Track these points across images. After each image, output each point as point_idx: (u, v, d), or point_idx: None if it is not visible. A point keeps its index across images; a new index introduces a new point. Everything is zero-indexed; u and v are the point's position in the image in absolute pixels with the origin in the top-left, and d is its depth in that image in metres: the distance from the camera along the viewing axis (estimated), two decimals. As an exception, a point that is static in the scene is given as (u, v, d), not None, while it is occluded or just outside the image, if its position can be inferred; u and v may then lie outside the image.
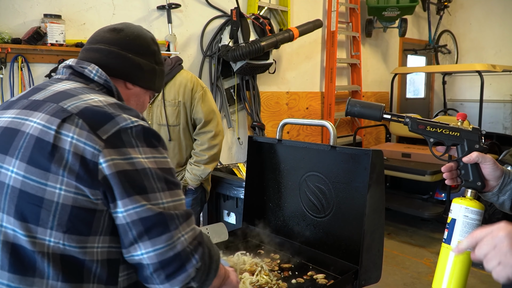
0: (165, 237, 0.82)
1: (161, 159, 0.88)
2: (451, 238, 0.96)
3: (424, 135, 1.04)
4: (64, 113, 0.84)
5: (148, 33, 1.12)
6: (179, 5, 3.52)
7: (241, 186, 2.53)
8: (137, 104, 1.12)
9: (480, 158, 0.98)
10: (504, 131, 6.23)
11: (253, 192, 1.79)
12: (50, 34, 2.75)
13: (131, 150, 0.83)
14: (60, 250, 0.80)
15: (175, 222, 0.84)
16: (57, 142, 0.81)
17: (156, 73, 1.12)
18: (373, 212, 1.33)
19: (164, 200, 0.85)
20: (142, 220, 0.81)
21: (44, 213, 0.80)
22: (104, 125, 0.83)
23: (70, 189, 0.80)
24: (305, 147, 1.62)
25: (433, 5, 6.41)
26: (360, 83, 5.28)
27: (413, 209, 4.22)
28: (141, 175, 0.83)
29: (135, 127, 0.85)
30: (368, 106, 1.07)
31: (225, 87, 3.97)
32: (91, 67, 0.99)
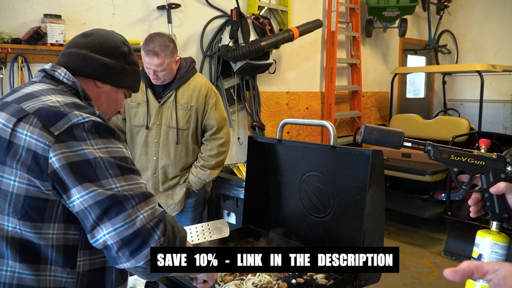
0: (123, 216, 0.89)
1: (114, 148, 0.95)
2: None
3: (448, 164, 0.98)
4: (21, 112, 0.93)
5: (118, 36, 1.20)
6: (179, 5, 3.52)
7: (241, 186, 2.54)
8: (109, 101, 1.19)
9: (508, 188, 0.92)
10: (504, 131, 6.22)
11: (253, 192, 1.79)
12: (50, 34, 2.75)
13: (82, 143, 0.91)
14: (18, 235, 0.91)
15: (131, 202, 0.90)
16: (13, 139, 0.90)
17: (127, 73, 1.19)
18: (373, 212, 1.33)
19: (118, 184, 0.91)
20: (98, 203, 0.88)
21: (1, 201, 0.91)
22: (57, 122, 0.91)
23: (23, 180, 0.89)
24: (305, 147, 1.62)
25: (433, 5, 6.41)
26: (360, 83, 5.28)
27: (413, 209, 4.22)
28: (92, 164, 0.90)
29: (86, 122, 0.93)
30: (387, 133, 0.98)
31: (225, 87, 3.97)
32: (60, 70, 1.08)
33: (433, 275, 3.41)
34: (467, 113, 6.40)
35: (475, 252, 0.94)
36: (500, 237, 0.92)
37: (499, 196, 0.93)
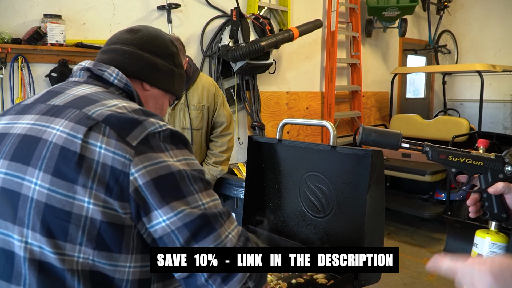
0: (213, 237, 0.78)
1: (192, 160, 0.85)
2: None
3: (446, 165, 0.98)
4: (89, 120, 0.79)
5: (166, 35, 1.09)
6: (179, 5, 3.52)
7: (241, 186, 2.54)
8: (156, 107, 1.07)
9: (506, 188, 0.92)
10: (504, 131, 6.22)
11: (253, 192, 1.79)
12: (50, 34, 2.75)
13: (162, 154, 0.79)
14: (89, 266, 0.76)
15: (219, 221, 0.80)
16: (84, 152, 0.75)
17: (175, 75, 1.08)
18: (373, 212, 1.33)
19: (204, 201, 0.81)
20: (187, 225, 0.76)
21: (73, 228, 0.74)
22: (132, 131, 0.78)
23: (99, 202, 0.74)
24: (305, 147, 1.62)
25: (433, 5, 6.41)
26: (360, 83, 5.28)
27: (413, 209, 4.22)
28: (177, 178, 0.78)
29: (163, 131, 0.82)
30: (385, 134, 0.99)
31: (225, 87, 3.97)
32: (110, 70, 0.95)
33: (433, 275, 3.41)
34: (467, 113, 6.40)
35: (474, 252, 0.94)
36: (499, 237, 0.92)
37: (497, 196, 0.94)
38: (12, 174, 0.79)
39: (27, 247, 0.75)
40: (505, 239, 0.92)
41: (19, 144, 0.81)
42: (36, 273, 0.75)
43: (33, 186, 0.76)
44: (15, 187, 0.77)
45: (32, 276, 0.75)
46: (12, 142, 0.82)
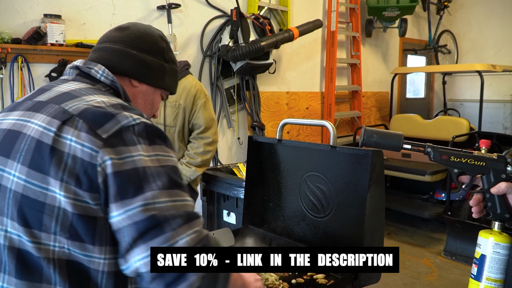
0: (160, 240, 0.77)
1: (164, 157, 0.84)
2: (481, 275, 0.92)
3: (448, 165, 0.98)
4: (65, 114, 0.81)
5: (156, 31, 1.10)
6: (179, 5, 3.52)
7: (241, 186, 2.53)
8: (145, 103, 1.08)
9: (509, 188, 0.92)
10: (504, 131, 6.22)
11: (253, 192, 1.79)
12: (50, 34, 2.75)
13: (132, 148, 0.80)
14: (66, 255, 0.78)
15: (170, 224, 0.79)
16: (56, 145, 0.78)
17: (165, 71, 1.08)
18: (373, 212, 1.33)
19: (162, 199, 0.80)
20: (136, 224, 0.77)
21: (47, 218, 0.77)
22: (105, 124, 0.80)
23: (70, 194, 0.76)
24: (305, 147, 1.62)
25: (433, 5, 6.41)
26: (360, 83, 5.28)
27: (413, 209, 4.22)
28: (140, 173, 0.79)
29: (137, 124, 0.82)
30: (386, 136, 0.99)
31: (225, 87, 3.97)
32: (97, 67, 0.97)
33: (433, 275, 3.41)
34: (467, 113, 6.40)
35: (477, 252, 0.94)
36: (502, 237, 0.93)
37: (500, 196, 0.94)
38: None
39: (6, 235, 0.80)
40: (508, 239, 0.92)
41: (3, 139, 0.85)
42: (15, 261, 0.79)
43: (11, 178, 0.80)
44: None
45: (11, 263, 0.79)
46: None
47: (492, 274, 0.92)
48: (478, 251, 0.94)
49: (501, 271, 0.92)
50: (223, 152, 4.07)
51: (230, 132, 4.12)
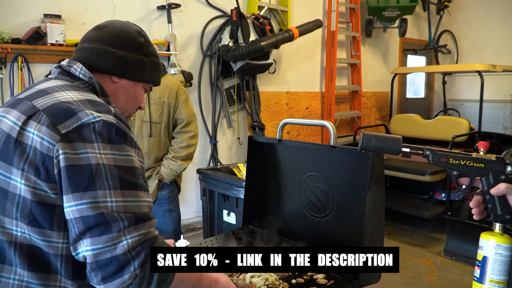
0: (105, 238, 0.81)
1: (121, 156, 0.86)
2: (483, 277, 0.93)
3: (447, 168, 0.98)
4: (32, 110, 0.88)
5: (133, 26, 1.13)
6: (179, 5, 3.52)
7: (241, 186, 2.53)
8: (127, 97, 1.12)
9: (508, 189, 0.92)
10: (504, 131, 6.22)
11: (253, 192, 1.79)
12: (50, 34, 2.75)
13: (88, 145, 0.83)
14: (27, 241, 0.84)
15: (118, 224, 0.82)
16: (21, 138, 0.85)
17: (145, 65, 1.11)
18: (373, 212, 1.33)
19: (113, 199, 0.83)
20: (83, 219, 0.81)
21: (9, 205, 0.84)
22: (66, 120, 0.85)
23: (29, 183, 0.83)
24: (305, 147, 1.62)
25: (433, 5, 6.41)
26: (360, 83, 5.28)
27: (413, 209, 4.22)
28: (93, 171, 0.82)
29: (97, 122, 0.85)
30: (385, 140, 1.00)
31: (225, 87, 3.97)
32: (76, 65, 1.02)
33: (433, 275, 3.41)
34: (467, 113, 6.40)
35: (479, 254, 0.94)
36: (504, 238, 0.92)
37: (500, 197, 0.94)
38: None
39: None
40: (510, 241, 0.92)
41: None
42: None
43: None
44: None
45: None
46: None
47: (495, 276, 0.92)
48: (480, 253, 0.94)
49: (504, 272, 0.92)
50: (223, 152, 4.07)
51: (230, 132, 4.12)
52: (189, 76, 3.58)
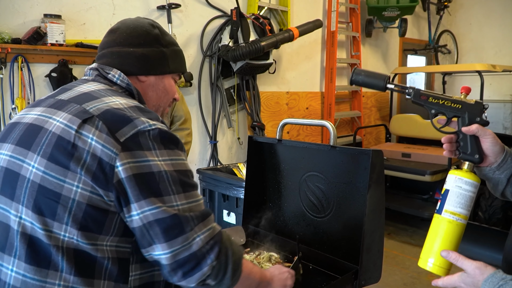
0: (181, 239, 0.85)
1: (178, 161, 0.90)
2: (442, 208, 0.96)
3: (426, 105, 1.03)
4: (85, 114, 0.87)
5: (145, 20, 1.11)
6: (179, 5, 3.52)
7: (241, 186, 2.54)
8: (158, 93, 1.11)
9: (479, 130, 0.97)
10: (504, 131, 6.22)
11: (253, 192, 1.79)
12: (50, 34, 2.75)
13: (148, 153, 0.85)
14: (74, 245, 0.83)
15: (190, 224, 0.87)
16: (77, 142, 0.84)
17: (167, 56, 1.10)
18: (373, 212, 1.33)
19: (179, 202, 0.87)
20: (158, 222, 0.83)
21: (61, 208, 0.83)
22: (123, 127, 0.85)
23: (87, 187, 0.83)
24: (305, 147, 1.62)
25: (433, 5, 6.41)
26: (360, 83, 5.27)
27: (413, 209, 4.22)
28: (156, 178, 0.85)
29: (153, 130, 0.88)
30: (373, 75, 1.07)
31: (225, 87, 3.97)
32: (113, 72, 1.02)
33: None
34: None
35: (443, 189, 0.98)
36: (467, 173, 0.96)
37: (472, 138, 0.98)
38: (15, 157, 0.89)
39: (20, 222, 0.85)
40: (474, 178, 0.95)
41: (25, 132, 0.92)
42: (25, 246, 0.84)
43: (30, 168, 0.86)
44: (16, 168, 0.88)
45: (22, 248, 0.84)
46: (20, 129, 0.93)
47: (451, 207, 0.95)
48: (444, 186, 0.98)
49: (462, 205, 0.95)
50: (223, 152, 4.07)
51: (230, 132, 4.12)
52: (189, 76, 3.58)
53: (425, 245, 0.96)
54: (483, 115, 0.98)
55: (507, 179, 0.98)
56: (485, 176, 1.01)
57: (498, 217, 3.75)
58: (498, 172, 0.98)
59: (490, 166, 0.99)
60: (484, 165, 1.00)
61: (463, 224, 0.95)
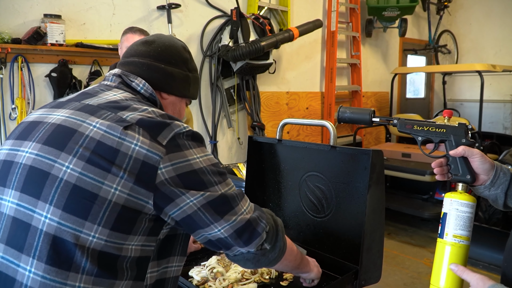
0: (233, 212, 0.95)
1: (209, 156, 0.98)
2: (443, 232, 0.98)
3: (412, 134, 1.08)
4: (124, 122, 0.90)
5: (179, 42, 1.15)
6: (179, 5, 3.52)
7: (241, 186, 2.53)
8: (174, 112, 1.15)
9: (466, 151, 1.00)
10: (504, 131, 6.22)
11: (253, 192, 1.79)
12: (50, 34, 2.75)
13: (187, 153, 0.92)
14: (100, 246, 0.84)
15: (236, 200, 0.98)
16: (120, 147, 0.87)
17: (190, 81, 1.15)
18: (373, 212, 1.33)
19: (223, 190, 0.96)
20: (210, 203, 0.92)
21: (96, 208, 0.84)
22: (162, 131, 0.90)
23: (125, 190, 0.85)
24: (305, 147, 1.62)
25: (433, 5, 6.41)
26: (360, 83, 5.28)
27: (413, 209, 4.22)
28: (199, 174, 0.92)
29: (187, 131, 0.94)
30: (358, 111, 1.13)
31: (225, 87, 3.97)
32: (138, 80, 1.05)
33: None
34: (467, 113, 6.40)
35: (442, 213, 1.00)
36: (464, 195, 0.98)
37: (461, 159, 1.01)
38: (44, 156, 0.89)
39: (45, 221, 0.84)
40: (470, 198, 0.97)
41: (53, 132, 0.92)
42: (48, 246, 0.83)
43: (64, 169, 0.86)
44: (45, 167, 0.87)
45: (44, 248, 0.83)
46: (46, 129, 0.93)
47: (451, 230, 0.97)
48: (442, 210, 1.00)
49: (461, 227, 0.97)
50: (223, 152, 4.07)
51: (230, 132, 4.12)
52: (189, 76, 3.58)
53: (433, 271, 0.98)
54: (468, 135, 1.02)
55: (504, 193, 1.00)
56: (481, 194, 1.04)
57: (498, 217, 3.75)
58: (494, 189, 1.01)
59: (484, 184, 1.02)
60: (477, 184, 1.02)
61: (466, 246, 0.97)
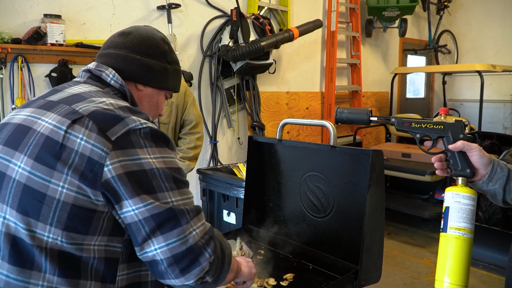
0: (177, 232, 0.84)
1: (169, 159, 0.90)
2: (447, 226, 0.98)
3: (410, 132, 1.09)
4: (74, 114, 0.86)
5: (158, 33, 1.13)
6: (179, 5, 3.52)
7: (241, 186, 2.53)
8: (150, 105, 1.12)
9: (465, 146, 1.02)
10: (504, 131, 6.22)
11: (253, 192, 1.79)
12: (50, 34, 2.75)
13: (140, 151, 0.86)
14: (58, 247, 0.83)
15: (186, 217, 0.86)
16: (66, 142, 0.83)
17: (168, 73, 1.12)
18: (373, 212, 1.33)
19: (173, 198, 0.87)
20: (154, 217, 0.83)
21: (45, 209, 0.82)
22: (113, 126, 0.85)
23: (72, 188, 0.82)
24: (305, 147, 1.62)
25: (433, 5, 6.41)
26: (360, 83, 5.28)
27: (413, 209, 4.22)
28: (149, 175, 0.85)
29: (144, 128, 0.88)
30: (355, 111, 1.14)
31: (225, 87, 3.97)
32: (108, 71, 1.01)
33: (433, 275, 3.41)
34: (467, 113, 6.40)
35: (443, 207, 1.01)
36: (463, 188, 1.00)
37: (460, 154, 1.03)
38: (2, 157, 0.89)
39: (4, 222, 0.85)
40: (470, 191, 0.99)
41: (13, 132, 0.91)
42: (9, 247, 0.83)
43: (16, 168, 0.85)
44: (2, 168, 0.88)
45: (5, 249, 0.84)
46: (8, 130, 0.93)
47: (454, 223, 0.97)
48: (444, 205, 1.01)
49: (464, 219, 0.98)
50: (223, 152, 4.07)
51: (230, 132, 4.12)
52: (189, 76, 3.58)
53: (437, 266, 0.98)
54: (465, 131, 1.04)
55: (502, 189, 1.02)
56: (480, 190, 1.05)
57: (498, 217, 3.75)
58: (492, 184, 1.02)
59: (482, 179, 1.03)
60: (476, 179, 1.04)
61: (470, 239, 0.97)
